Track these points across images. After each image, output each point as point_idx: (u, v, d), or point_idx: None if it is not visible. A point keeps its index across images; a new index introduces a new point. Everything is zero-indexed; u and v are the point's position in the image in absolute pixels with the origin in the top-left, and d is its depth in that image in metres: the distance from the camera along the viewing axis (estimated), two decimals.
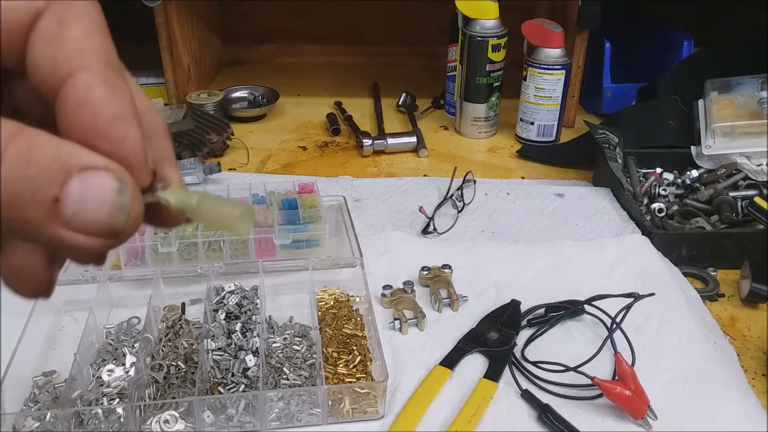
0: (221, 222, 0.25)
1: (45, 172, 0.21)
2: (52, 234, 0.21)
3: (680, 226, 0.90)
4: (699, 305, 0.77)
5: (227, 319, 0.72)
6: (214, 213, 0.25)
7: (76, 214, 0.21)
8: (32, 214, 0.21)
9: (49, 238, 0.21)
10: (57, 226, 0.21)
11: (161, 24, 1.20)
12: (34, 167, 0.21)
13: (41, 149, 0.21)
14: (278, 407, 0.62)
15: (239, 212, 0.25)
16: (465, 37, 1.14)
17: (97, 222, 0.22)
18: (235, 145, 1.15)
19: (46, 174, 0.21)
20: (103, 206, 0.22)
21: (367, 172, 1.09)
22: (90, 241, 0.22)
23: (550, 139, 1.17)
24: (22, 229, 0.21)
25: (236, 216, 0.25)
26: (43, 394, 0.63)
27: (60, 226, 0.21)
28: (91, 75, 0.23)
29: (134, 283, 0.78)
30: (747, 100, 1.00)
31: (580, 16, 1.15)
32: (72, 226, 0.21)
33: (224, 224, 0.25)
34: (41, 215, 0.21)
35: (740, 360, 0.70)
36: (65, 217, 0.21)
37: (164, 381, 0.64)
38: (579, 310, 0.74)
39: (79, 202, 0.21)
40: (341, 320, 0.73)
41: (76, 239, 0.22)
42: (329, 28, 1.53)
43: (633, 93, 1.22)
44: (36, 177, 0.21)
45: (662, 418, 0.61)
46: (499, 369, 0.66)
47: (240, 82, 1.38)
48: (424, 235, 0.89)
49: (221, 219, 0.25)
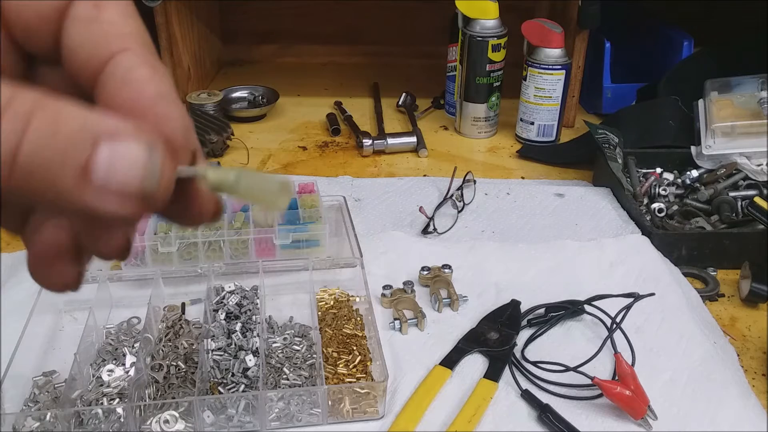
0: (260, 197, 0.25)
1: (73, 139, 0.20)
2: (83, 201, 0.21)
3: (680, 226, 0.90)
4: (699, 305, 0.77)
5: (227, 319, 0.72)
6: (252, 188, 0.25)
7: (106, 178, 0.21)
8: (62, 182, 0.20)
9: (79, 206, 0.21)
10: (87, 192, 0.21)
11: (161, 24, 1.20)
12: (62, 136, 0.20)
13: (68, 117, 0.21)
14: (278, 407, 0.62)
15: (277, 187, 0.25)
16: (465, 37, 1.14)
17: (128, 185, 0.21)
18: (235, 145, 1.15)
19: (75, 141, 0.21)
20: (133, 169, 0.21)
21: (367, 172, 1.09)
22: (120, 206, 0.21)
23: (550, 139, 1.17)
24: (52, 198, 0.21)
25: (275, 191, 0.25)
26: (43, 394, 0.63)
27: (90, 192, 0.21)
28: (132, 56, 0.23)
29: (134, 283, 0.78)
30: (747, 100, 1.00)
31: (580, 16, 1.15)
32: (102, 191, 0.21)
33: (263, 199, 0.25)
34: (71, 182, 0.21)
35: (740, 360, 0.70)
36: (95, 182, 0.21)
37: (164, 381, 0.64)
38: (579, 310, 0.74)
39: (109, 167, 0.21)
40: (341, 320, 0.73)
41: (106, 204, 0.21)
42: (329, 28, 1.53)
43: (633, 93, 1.22)
44: (64, 145, 0.20)
45: (662, 418, 0.61)
46: (499, 369, 0.66)
47: (240, 82, 1.38)
48: (424, 235, 0.89)
49: (260, 194, 0.25)
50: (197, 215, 0.26)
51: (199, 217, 0.26)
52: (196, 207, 0.25)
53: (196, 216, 0.26)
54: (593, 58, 1.23)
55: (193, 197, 0.25)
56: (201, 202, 0.25)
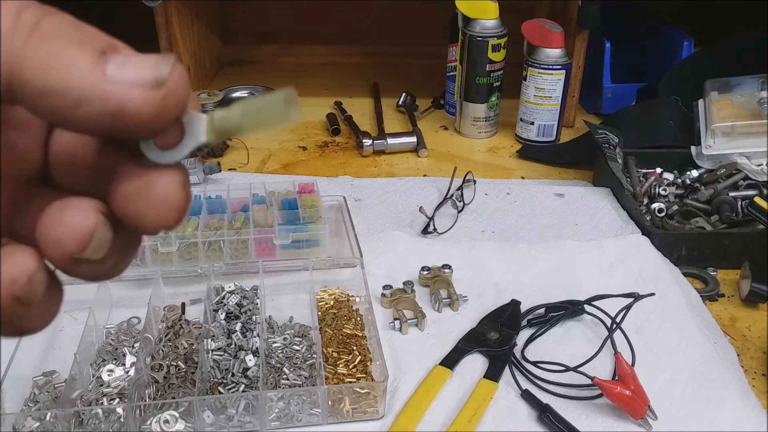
0: (269, 121, 0.24)
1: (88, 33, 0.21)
2: (101, 89, 0.21)
3: (680, 226, 0.90)
4: (699, 305, 0.77)
5: (227, 319, 0.72)
6: (259, 117, 0.24)
7: (120, 64, 0.21)
8: (79, 64, 0.20)
9: (98, 96, 0.21)
10: (104, 81, 0.21)
11: (161, 24, 1.20)
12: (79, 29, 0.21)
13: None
14: (278, 407, 0.62)
15: (282, 102, 0.23)
16: (465, 37, 1.14)
17: (142, 70, 0.21)
18: (235, 145, 1.15)
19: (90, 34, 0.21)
20: (147, 60, 0.21)
21: (367, 172, 1.09)
22: (139, 95, 0.21)
23: (550, 139, 1.17)
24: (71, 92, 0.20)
25: (282, 107, 0.23)
26: (43, 394, 0.63)
27: (107, 82, 0.21)
28: None
29: (134, 283, 0.78)
30: (747, 100, 1.00)
31: (580, 16, 1.15)
32: (117, 82, 0.21)
33: (273, 121, 0.24)
34: (89, 64, 0.20)
35: (740, 360, 0.70)
36: (110, 67, 0.21)
37: (164, 381, 0.64)
38: (579, 310, 0.74)
39: (121, 63, 0.21)
40: (341, 320, 0.73)
41: (121, 92, 0.21)
42: (329, 28, 1.53)
43: (633, 93, 1.22)
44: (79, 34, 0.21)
45: (662, 418, 0.61)
46: (499, 369, 0.66)
47: (240, 82, 1.38)
48: (424, 235, 0.89)
49: (269, 118, 0.24)
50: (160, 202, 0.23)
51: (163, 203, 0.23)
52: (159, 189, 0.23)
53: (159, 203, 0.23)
54: (593, 58, 1.23)
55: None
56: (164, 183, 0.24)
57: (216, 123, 0.24)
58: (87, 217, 0.22)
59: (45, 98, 0.20)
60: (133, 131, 0.22)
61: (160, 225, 0.23)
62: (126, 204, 0.23)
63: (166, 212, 0.23)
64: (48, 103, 0.21)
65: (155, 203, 0.23)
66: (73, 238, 0.22)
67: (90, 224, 0.22)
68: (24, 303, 0.22)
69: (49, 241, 0.22)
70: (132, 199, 0.23)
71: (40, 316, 0.23)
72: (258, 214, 0.81)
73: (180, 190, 0.23)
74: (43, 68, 0.20)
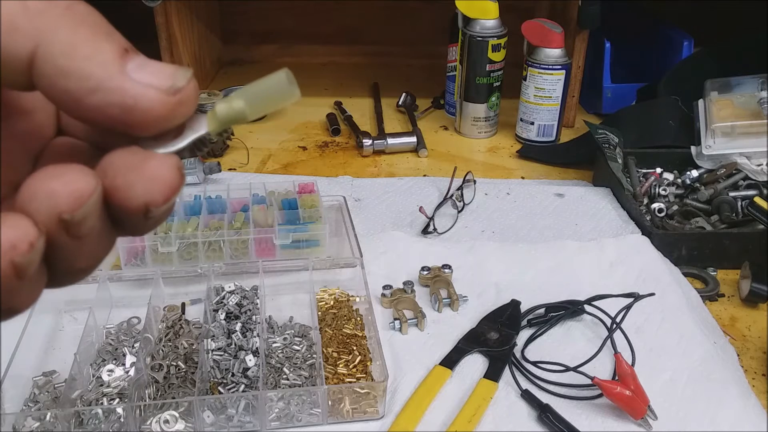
0: (274, 103, 0.24)
1: (109, 30, 0.22)
2: (122, 85, 0.21)
3: (680, 226, 0.90)
4: (699, 305, 0.77)
5: (227, 319, 0.72)
6: (263, 101, 0.24)
7: (141, 65, 0.22)
8: (103, 56, 0.21)
9: (117, 88, 0.21)
10: (125, 78, 0.21)
11: (161, 24, 1.20)
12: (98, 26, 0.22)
13: None
14: (278, 407, 0.62)
15: (286, 80, 0.24)
16: (465, 37, 1.14)
17: (160, 76, 0.22)
18: (235, 145, 1.15)
19: (111, 33, 0.22)
20: (166, 68, 0.22)
21: (367, 172, 1.09)
22: (152, 94, 0.22)
23: (550, 139, 1.17)
24: (92, 81, 0.21)
25: (286, 85, 0.24)
26: (43, 394, 0.63)
27: (127, 79, 0.21)
28: None
29: (134, 283, 0.78)
30: (747, 100, 1.00)
31: (580, 16, 1.15)
32: (136, 75, 0.21)
33: (278, 102, 0.24)
34: (112, 57, 0.21)
35: (740, 360, 0.70)
36: (131, 65, 0.21)
37: (164, 381, 0.64)
38: (579, 310, 0.74)
39: (140, 65, 0.22)
40: (341, 320, 0.73)
41: (139, 89, 0.21)
42: (329, 28, 1.53)
43: (633, 93, 1.22)
44: (104, 32, 0.22)
45: (662, 418, 0.61)
46: (499, 369, 0.66)
47: (240, 82, 1.38)
48: (424, 235, 0.89)
49: (273, 100, 0.24)
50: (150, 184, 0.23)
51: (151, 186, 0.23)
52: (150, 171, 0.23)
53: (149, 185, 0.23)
54: (593, 58, 1.23)
55: None
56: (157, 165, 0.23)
57: (219, 114, 0.25)
58: (88, 180, 0.21)
59: (64, 79, 0.21)
60: (140, 128, 0.22)
61: (148, 197, 0.22)
62: (117, 175, 0.23)
63: (158, 187, 0.23)
64: (66, 84, 0.21)
65: (148, 176, 0.23)
66: (68, 195, 0.21)
67: (90, 186, 0.21)
68: (20, 273, 0.21)
69: (41, 194, 0.21)
70: (125, 171, 0.23)
71: (29, 292, 0.22)
72: (258, 214, 0.81)
73: (174, 169, 0.23)
74: (69, 49, 0.21)
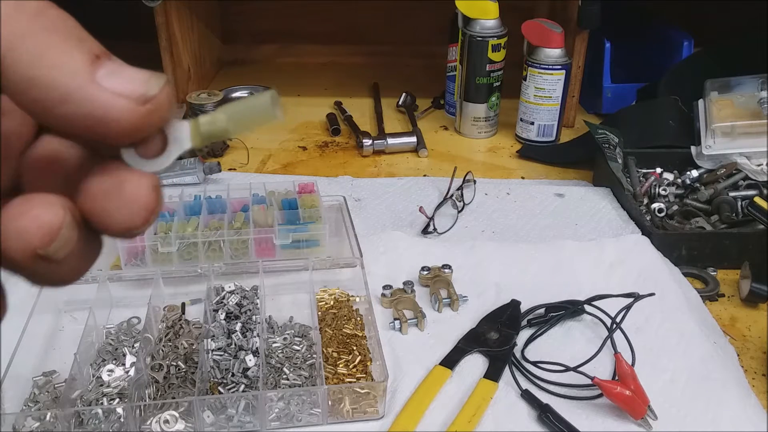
0: (255, 121, 0.24)
1: (80, 35, 0.21)
2: (92, 94, 0.21)
3: (680, 226, 0.90)
4: (699, 305, 0.77)
5: (227, 319, 0.72)
6: (244, 118, 0.24)
7: (112, 72, 0.21)
8: (72, 63, 0.20)
9: (87, 99, 0.21)
10: (95, 87, 0.21)
11: (161, 24, 1.20)
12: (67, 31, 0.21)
13: None
14: (278, 407, 0.62)
15: (270, 102, 0.24)
16: (465, 37, 1.14)
17: (132, 83, 0.21)
18: (235, 145, 1.15)
19: (82, 37, 0.21)
20: (138, 74, 0.22)
21: (367, 172, 1.09)
22: (122, 104, 0.21)
23: (550, 139, 1.17)
24: (61, 90, 0.20)
25: (267, 107, 0.24)
26: (43, 394, 0.63)
27: (97, 88, 0.21)
28: None
29: (134, 283, 0.78)
30: (747, 100, 1.00)
31: (580, 16, 1.14)
32: (106, 83, 0.21)
33: (259, 121, 0.24)
34: (81, 65, 0.20)
35: (740, 360, 0.70)
36: (102, 73, 0.21)
37: (164, 381, 0.64)
38: (579, 310, 0.74)
39: (112, 71, 0.21)
40: (341, 320, 0.73)
41: (108, 99, 0.21)
42: (329, 28, 1.53)
43: (633, 93, 1.22)
44: (73, 37, 0.21)
45: (662, 418, 0.61)
46: (499, 369, 0.66)
47: (240, 82, 1.38)
48: (424, 235, 0.89)
49: (254, 119, 0.24)
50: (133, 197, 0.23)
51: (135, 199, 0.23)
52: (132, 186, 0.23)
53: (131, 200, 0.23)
54: (593, 58, 1.23)
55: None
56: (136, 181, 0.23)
57: (202, 128, 0.24)
58: (55, 211, 0.21)
59: (32, 89, 0.20)
60: (113, 138, 0.22)
61: (128, 223, 0.22)
62: (95, 201, 0.22)
63: (136, 211, 0.22)
64: (34, 94, 0.20)
65: (125, 201, 0.22)
66: (38, 231, 0.21)
67: (58, 219, 0.21)
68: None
69: (12, 233, 0.21)
70: (102, 197, 0.22)
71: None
72: (258, 214, 0.81)
73: (152, 191, 0.23)
74: (36, 57, 0.20)
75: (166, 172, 1.00)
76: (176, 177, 1.00)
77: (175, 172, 1.00)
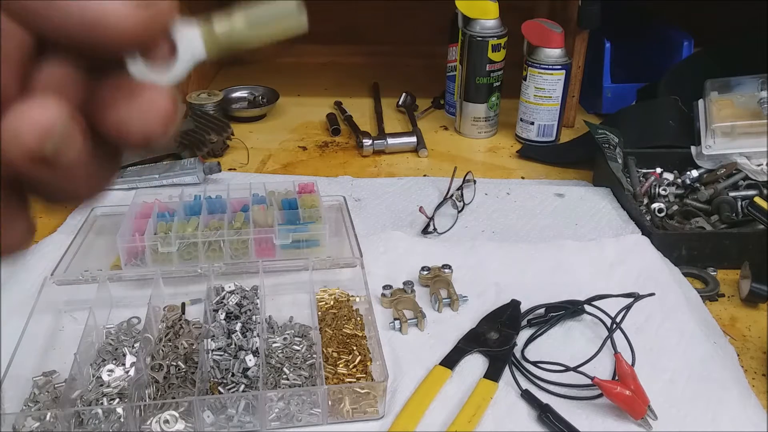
0: (278, 29, 0.21)
1: None
2: None
3: (680, 226, 0.90)
4: (699, 305, 0.77)
5: (227, 319, 0.72)
6: (266, 24, 0.21)
7: None
8: None
9: None
10: None
11: None
12: None
13: None
14: (278, 407, 0.62)
15: (296, 7, 0.21)
16: (465, 37, 1.14)
17: None
18: (235, 145, 1.15)
19: None
20: None
21: (367, 172, 1.09)
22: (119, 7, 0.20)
23: (550, 139, 1.17)
24: None
25: (295, 12, 0.21)
26: (43, 394, 0.63)
27: None
28: None
29: (134, 283, 0.78)
30: (747, 100, 1.00)
31: (580, 16, 1.15)
32: None
33: (283, 29, 0.21)
34: None
35: (740, 360, 0.70)
36: None
37: (164, 381, 0.64)
38: (579, 310, 0.74)
39: None
40: (341, 320, 0.73)
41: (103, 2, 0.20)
42: (329, 28, 1.53)
43: (633, 93, 1.22)
44: None
45: (662, 418, 0.61)
46: (499, 369, 0.66)
47: (240, 82, 1.38)
48: (424, 235, 0.89)
49: (277, 25, 0.21)
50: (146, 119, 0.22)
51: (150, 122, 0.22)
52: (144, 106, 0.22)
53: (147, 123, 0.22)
54: (593, 58, 1.23)
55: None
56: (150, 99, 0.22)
57: (219, 37, 0.22)
58: (49, 110, 0.20)
59: None
60: (114, 46, 0.21)
61: (146, 130, 0.22)
62: (111, 109, 0.22)
63: (154, 117, 0.22)
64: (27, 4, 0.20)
65: (143, 108, 0.22)
66: (31, 130, 0.20)
67: (50, 115, 0.20)
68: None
69: (7, 135, 0.20)
70: (118, 104, 0.21)
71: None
72: (258, 214, 0.81)
73: (168, 99, 0.22)
74: None
75: (167, 172, 1.00)
76: (176, 177, 1.00)
77: (175, 172, 1.00)
